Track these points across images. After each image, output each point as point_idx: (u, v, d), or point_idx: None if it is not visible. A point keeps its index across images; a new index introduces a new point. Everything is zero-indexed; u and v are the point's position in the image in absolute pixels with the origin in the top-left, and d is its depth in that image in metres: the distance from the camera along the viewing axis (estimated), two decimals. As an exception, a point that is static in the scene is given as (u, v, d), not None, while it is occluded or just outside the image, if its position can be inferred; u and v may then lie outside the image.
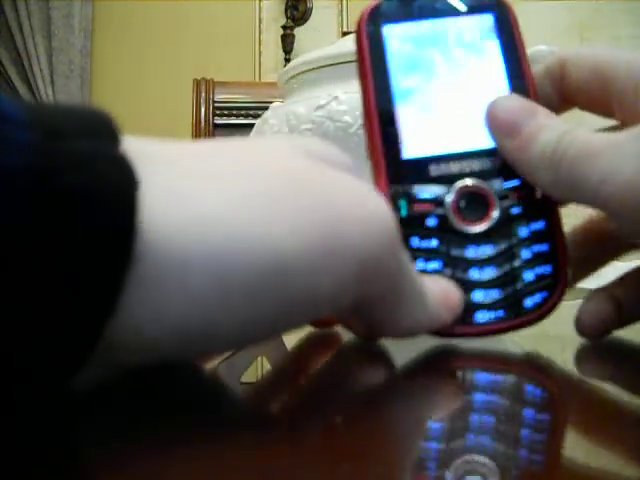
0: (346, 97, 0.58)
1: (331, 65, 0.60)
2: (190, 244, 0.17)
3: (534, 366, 0.26)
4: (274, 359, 0.31)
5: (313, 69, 0.61)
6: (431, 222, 0.27)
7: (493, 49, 0.29)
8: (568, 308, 0.28)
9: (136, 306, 0.17)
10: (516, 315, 0.26)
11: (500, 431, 0.16)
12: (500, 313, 0.26)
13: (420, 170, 0.27)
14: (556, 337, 0.27)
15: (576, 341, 0.27)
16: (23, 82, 2.54)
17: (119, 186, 0.16)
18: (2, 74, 2.56)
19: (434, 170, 0.27)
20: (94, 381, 0.18)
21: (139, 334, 0.17)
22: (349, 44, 0.63)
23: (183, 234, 0.17)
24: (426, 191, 0.27)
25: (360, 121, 0.59)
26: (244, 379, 0.27)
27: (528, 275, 0.26)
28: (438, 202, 0.27)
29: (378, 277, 0.21)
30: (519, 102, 0.27)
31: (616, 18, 2.40)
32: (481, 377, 0.22)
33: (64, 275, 0.15)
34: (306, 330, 0.33)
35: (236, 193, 0.19)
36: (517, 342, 0.32)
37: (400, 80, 0.28)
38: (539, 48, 0.55)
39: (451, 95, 0.28)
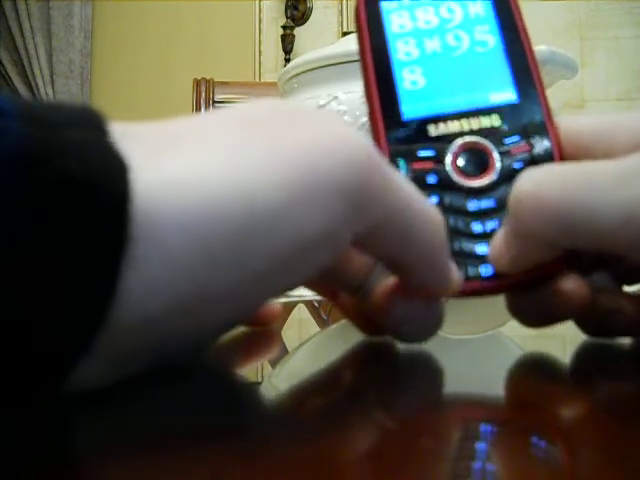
0: (346, 97, 0.58)
1: (331, 65, 0.60)
2: (164, 212, 0.17)
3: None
4: (274, 360, 0.31)
5: (313, 69, 0.62)
6: (431, 179, 0.27)
7: (488, 14, 0.29)
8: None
9: (129, 284, 0.17)
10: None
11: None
12: None
13: (419, 130, 0.27)
14: (556, 337, 0.27)
15: (577, 341, 0.27)
16: (23, 82, 2.54)
17: (111, 170, 0.16)
18: (2, 74, 2.56)
19: (433, 130, 0.27)
20: (101, 381, 0.18)
21: (136, 313, 0.17)
22: (349, 44, 0.63)
23: (157, 204, 0.17)
24: (426, 150, 0.27)
25: (360, 121, 0.59)
26: (245, 379, 0.27)
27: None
28: (438, 160, 0.27)
29: (369, 204, 0.20)
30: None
31: (616, 18, 2.40)
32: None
33: (63, 260, 0.15)
34: (304, 332, 0.33)
35: (200, 155, 0.18)
36: (518, 343, 0.32)
37: (398, 43, 0.29)
38: (539, 48, 0.55)
39: (449, 57, 0.29)
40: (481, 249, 0.26)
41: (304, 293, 0.33)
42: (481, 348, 0.31)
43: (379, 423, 0.18)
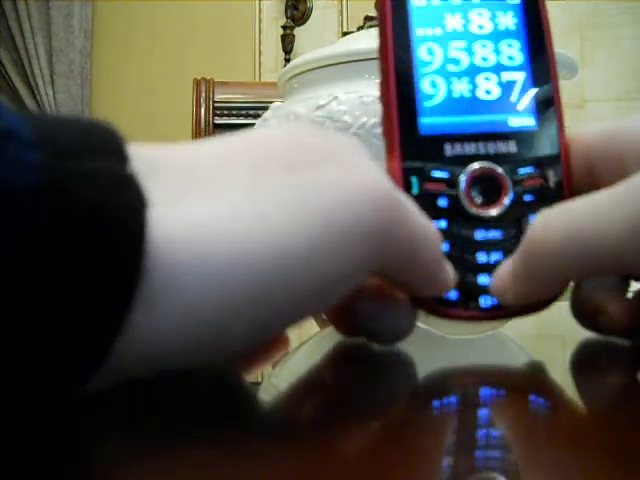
0: (346, 97, 0.58)
1: (331, 65, 0.60)
2: (185, 258, 0.17)
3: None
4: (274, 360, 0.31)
5: (313, 69, 0.61)
6: (442, 202, 0.26)
7: (518, 28, 0.29)
8: (567, 308, 0.28)
9: (141, 323, 0.17)
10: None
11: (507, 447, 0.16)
12: None
13: (435, 149, 0.27)
14: (556, 337, 0.27)
15: (576, 341, 0.27)
16: (23, 82, 2.54)
17: (127, 204, 0.16)
18: (2, 74, 2.56)
19: (449, 150, 0.27)
20: (101, 388, 0.18)
21: (145, 350, 0.17)
22: (349, 44, 0.63)
23: (178, 250, 0.17)
24: (439, 170, 0.27)
25: (360, 121, 0.59)
26: (245, 379, 0.27)
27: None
28: (450, 183, 0.27)
29: (388, 247, 0.21)
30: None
31: (616, 18, 2.40)
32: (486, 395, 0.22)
33: (74, 293, 0.15)
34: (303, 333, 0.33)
35: (224, 200, 0.18)
36: (518, 343, 0.32)
37: (422, 49, 0.28)
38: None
39: (473, 71, 0.28)
40: (483, 280, 0.26)
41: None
42: (481, 348, 0.31)
43: (378, 422, 0.18)
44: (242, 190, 0.19)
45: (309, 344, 0.35)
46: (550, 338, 0.28)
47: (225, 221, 0.18)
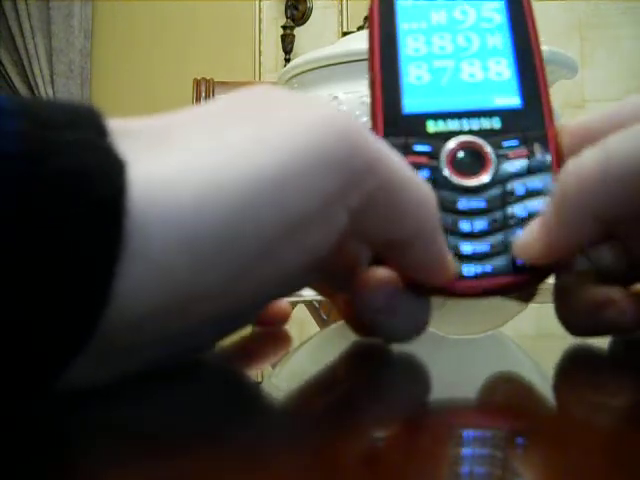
0: (346, 97, 0.58)
1: (331, 65, 0.60)
2: (154, 216, 0.17)
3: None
4: (275, 360, 0.31)
5: (313, 69, 0.62)
6: (424, 174, 0.26)
7: (504, 20, 0.30)
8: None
9: (121, 290, 0.16)
10: (506, 273, 0.25)
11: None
12: (488, 268, 0.25)
13: (418, 125, 0.27)
14: (555, 337, 0.27)
15: (576, 340, 0.27)
16: (23, 82, 2.54)
17: (106, 171, 0.16)
18: (2, 74, 2.56)
19: (432, 126, 0.27)
20: (93, 379, 0.18)
21: (125, 313, 0.17)
22: (349, 44, 0.63)
23: (140, 204, 0.17)
24: (421, 145, 0.27)
25: (360, 121, 0.59)
26: (245, 379, 0.27)
27: (521, 233, 0.25)
28: (433, 156, 0.27)
29: (361, 174, 0.20)
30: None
31: (616, 18, 2.40)
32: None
33: (59, 259, 0.15)
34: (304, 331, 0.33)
35: (187, 150, 0.18)
36: (517, 342, 0.32)
37: (408, 39, 0.29)
38: (539, 48, 0.55)
39: (457, 57, 0.29)
40: (466, 248, 0.26)
41: (304, 293, 0.33)
42: (480, 348, 0.31)
43: (379, 424, 0.18)
44: (204, 139, 0.19)
45: (309, 344, 0.35)
46: (550, 338, 0.28)
47: (185, 169, 0.18)
